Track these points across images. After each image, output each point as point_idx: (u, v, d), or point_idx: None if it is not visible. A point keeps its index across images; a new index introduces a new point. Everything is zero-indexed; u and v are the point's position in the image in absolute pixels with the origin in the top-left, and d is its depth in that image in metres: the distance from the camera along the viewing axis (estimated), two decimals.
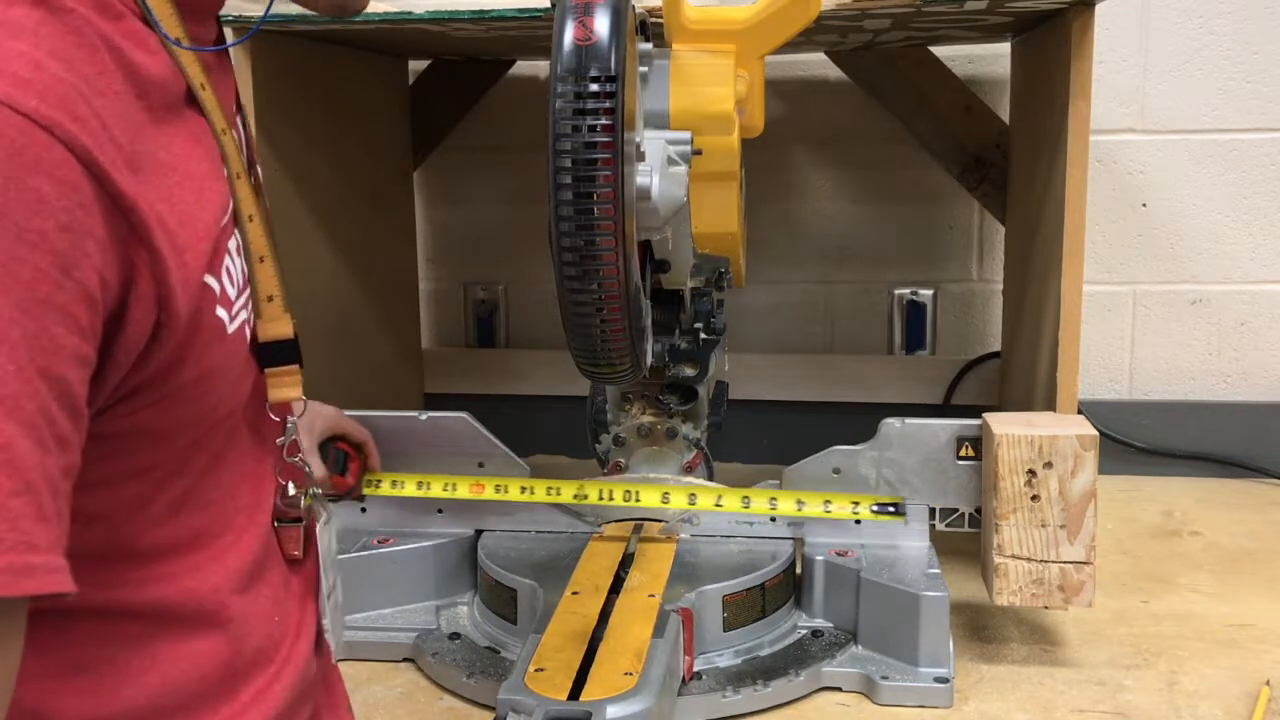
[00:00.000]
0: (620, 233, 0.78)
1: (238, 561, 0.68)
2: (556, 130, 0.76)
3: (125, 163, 0.54)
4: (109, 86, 0.55)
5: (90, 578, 0.60)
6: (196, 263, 0.59)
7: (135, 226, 0.54)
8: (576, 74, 0.76)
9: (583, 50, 0.76)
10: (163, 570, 0.64)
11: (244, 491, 0.70)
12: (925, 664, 1.06)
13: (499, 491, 1.18)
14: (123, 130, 0.55)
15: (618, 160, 0.76)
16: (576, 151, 0.76)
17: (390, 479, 1.20)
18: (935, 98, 1.64)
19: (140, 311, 0.56)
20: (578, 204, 0.77)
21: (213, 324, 0.62)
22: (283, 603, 0.73)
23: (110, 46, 0.56)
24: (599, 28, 0.76)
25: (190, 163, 0.61)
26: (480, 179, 1.85)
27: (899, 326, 1.79)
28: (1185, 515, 1.55)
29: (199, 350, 0.61)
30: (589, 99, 0.76)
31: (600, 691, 0.89)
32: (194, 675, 0.65)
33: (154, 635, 0.64)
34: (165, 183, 0.58)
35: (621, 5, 0.78)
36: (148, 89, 0.58)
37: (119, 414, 0.58)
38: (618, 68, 0.76)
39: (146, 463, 0.62)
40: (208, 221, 0.61)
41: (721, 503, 1.16)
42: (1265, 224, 1.69)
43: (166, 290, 0.56)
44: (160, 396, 0.60)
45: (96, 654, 0.62)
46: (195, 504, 0.66)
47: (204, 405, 0.63)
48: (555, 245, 0.79)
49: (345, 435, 1.17)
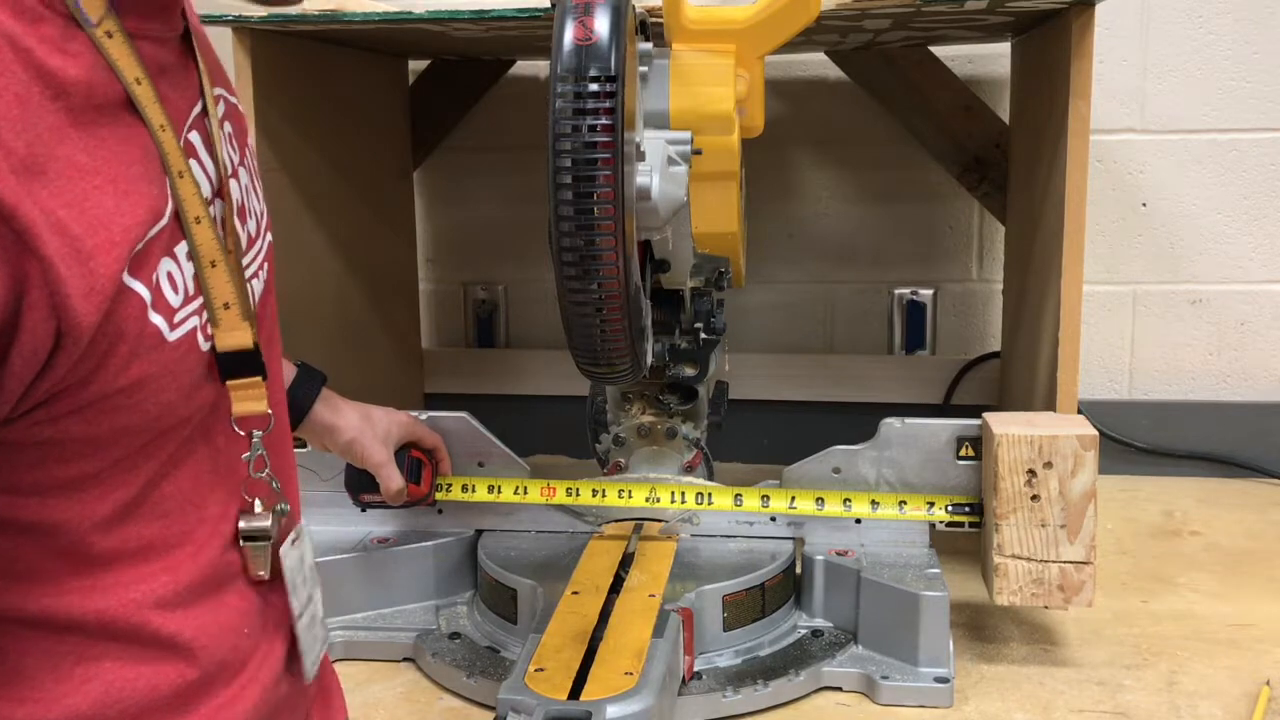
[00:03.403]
0: (620, 233, 0.78)
1: (197, 574, 0.67)
2: (556, 130, 0.76)
3: (13, 168, 0.53)
4: (5, 88, 0.53)
5: (31, 586, 0.60)
6: (109, 269, 0.57)
7: (20, 234, 0.53)
8: (576, 74, 0.76)
9: (583, 50, 0.76)
10: (111, 579, 0.63)
11: (212, 503, 0.68)
12: (925, 664, 1.06)
13: (570, 495, 1.18)
14: (17, 134, 0.53)
15: (618, 160, 0.76)
16: (576, 151, 0.76)
17: (461, 483, 1.20)
18: (935, 98, 1.64)
19: (34, 319, 0.54)
20: (578, 204, 0.77)
21: (141, 330, 0.60)
22: (251, 619, 0.71)
23: (17, 48, 0.54)
24: (599, 28, 0.76)
25: (118, 165, 0.59)
26: (480, 179, 1.85)
27: (899, 326, 1.79)
28: (1185, 515, 1.55)
29: (123, 358, 0.59)
30: (589, 99, 0.76)
31: (600, 691, 0.89)
32: (142, 687, 0.64)
33: (100, 645, 0.63)
34: (78, 187, 0.56)
35: (621, 5, 0.78)
36: (66, 90, 0.56)
37: (38, 420, 0.57)
38: (618, 67, 0.76)
39: (84, 470, 0.60)
40: (129, 224, 0.59)
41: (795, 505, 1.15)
42: (1265, 224, 1.69)
43: (62, 299, 0.55)
44: (82, 404, 0.58)
45: (38, 663, 0.61)
46: (147, 513, 0.64)
47: (141, 414, 0.61)
48: (555, 245, 0.79)
49: (419, 442, 1.17)
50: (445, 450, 1.20)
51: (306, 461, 1.17)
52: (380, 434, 1.12)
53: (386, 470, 1.12)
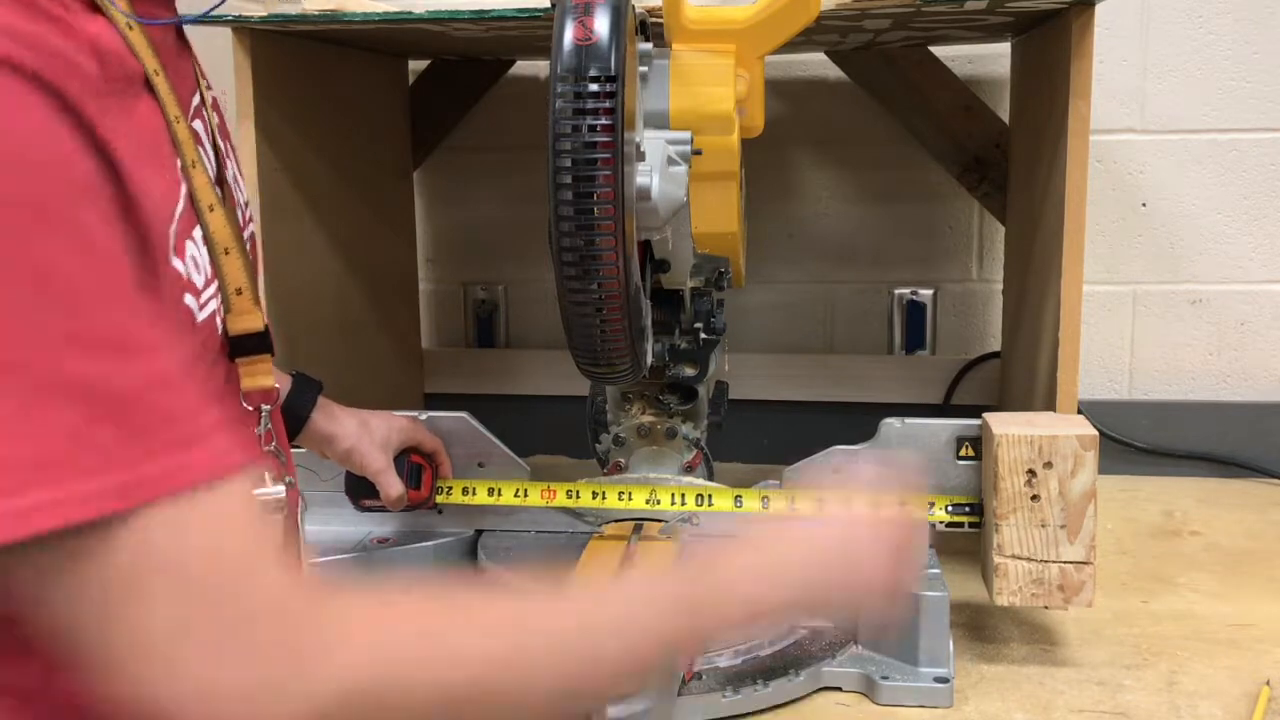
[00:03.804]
0: (620, 232, 0.78)
1: None
2: (556, 130, 0.76)
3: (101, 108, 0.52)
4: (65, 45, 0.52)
5: None
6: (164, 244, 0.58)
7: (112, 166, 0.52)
8: (576, 74, 0.76)
9: (583, 50, 0.76)
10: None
11: None
12: (925, 664, 1.06)
13: (571, 498, 1.17)
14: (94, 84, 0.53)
15: (618, 160, 0.76)
16: (576, 151, 0.76)
17: (461, 486, 1.19)
18: (935, 98, 1.64)
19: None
20: (578, 204, 0.77)
21: (177, 309, 0.61)
22: None
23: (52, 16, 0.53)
24: (599, 28, 0.76)
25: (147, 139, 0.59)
26: (480, 179, 1.84)
27: (899, 326, 1.79)
28: (1185, 515, 1.55)
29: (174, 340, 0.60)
30: (589, 99, 0.76)
31: None
32: None
33: None
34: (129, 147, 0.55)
35: (621, 5, 0.78)
36: (104, 56, 0.56)
37: None
38: (618, 68, 0.76)
39: None
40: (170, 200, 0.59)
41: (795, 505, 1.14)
42: (1265, 224, 1.69)
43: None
44: None
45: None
46: None
47: None
48: (555, 245, 0.79)
49: (418, 446, 1.17)
50: (445, 453, 1.20)
51: (305, 461, 1.16)
52: (379, 440, 1.12)
53: (386, 477, 1.12)
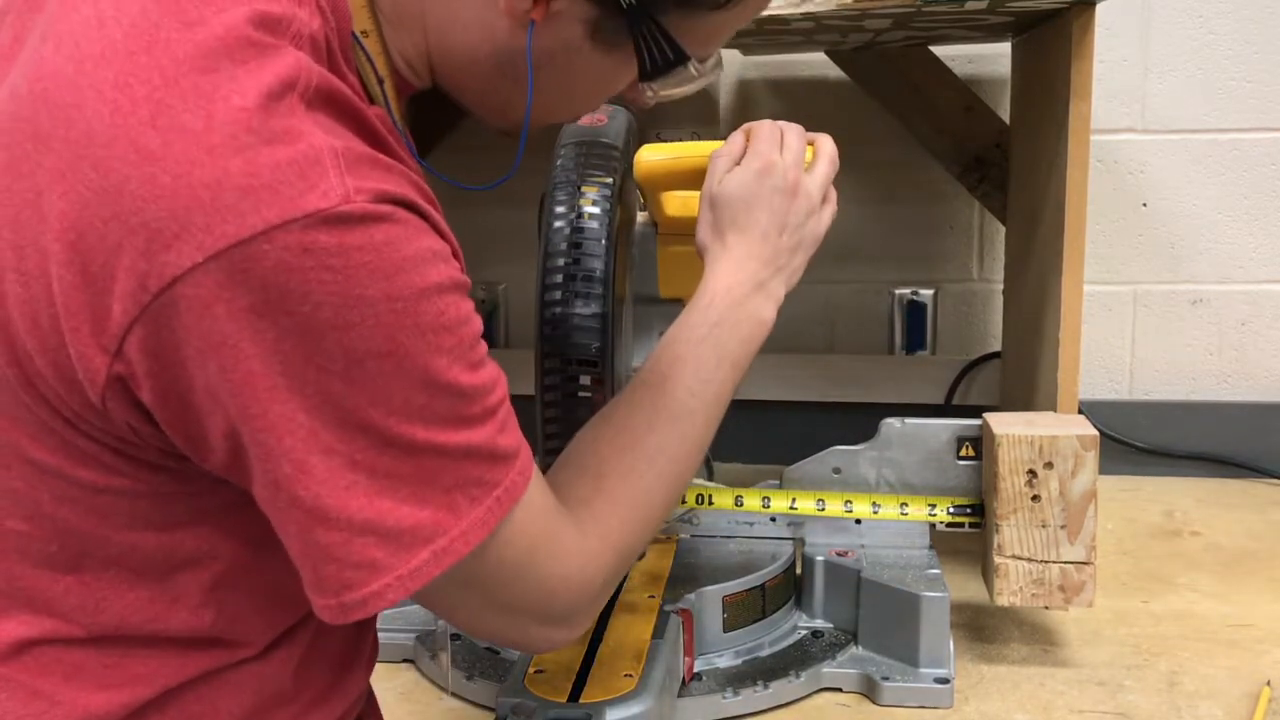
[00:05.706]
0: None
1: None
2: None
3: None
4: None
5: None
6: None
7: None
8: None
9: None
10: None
11: None
12: (926, 664, 1.06)
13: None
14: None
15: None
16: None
17: None
18: (935, 98, 1.63)
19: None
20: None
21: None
22: None
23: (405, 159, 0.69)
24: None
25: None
26: (480, 179, 1.84)
27: (899, 326, 1.79)
28: (1185, 515, 1.55)
29: None
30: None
31: (600, 693, 0.89)
32: None
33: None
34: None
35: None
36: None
37: None
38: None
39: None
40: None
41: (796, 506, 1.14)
42: (1265, 224, 1.69)
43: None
44: None
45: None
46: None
47: None
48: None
49: None
50: None
51: None
52: None
53: None
